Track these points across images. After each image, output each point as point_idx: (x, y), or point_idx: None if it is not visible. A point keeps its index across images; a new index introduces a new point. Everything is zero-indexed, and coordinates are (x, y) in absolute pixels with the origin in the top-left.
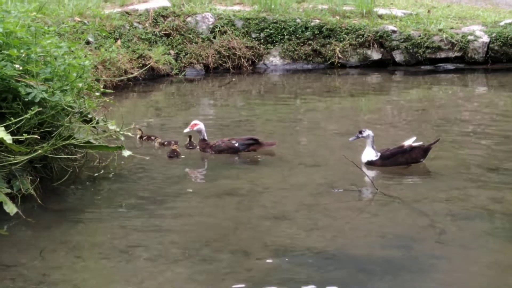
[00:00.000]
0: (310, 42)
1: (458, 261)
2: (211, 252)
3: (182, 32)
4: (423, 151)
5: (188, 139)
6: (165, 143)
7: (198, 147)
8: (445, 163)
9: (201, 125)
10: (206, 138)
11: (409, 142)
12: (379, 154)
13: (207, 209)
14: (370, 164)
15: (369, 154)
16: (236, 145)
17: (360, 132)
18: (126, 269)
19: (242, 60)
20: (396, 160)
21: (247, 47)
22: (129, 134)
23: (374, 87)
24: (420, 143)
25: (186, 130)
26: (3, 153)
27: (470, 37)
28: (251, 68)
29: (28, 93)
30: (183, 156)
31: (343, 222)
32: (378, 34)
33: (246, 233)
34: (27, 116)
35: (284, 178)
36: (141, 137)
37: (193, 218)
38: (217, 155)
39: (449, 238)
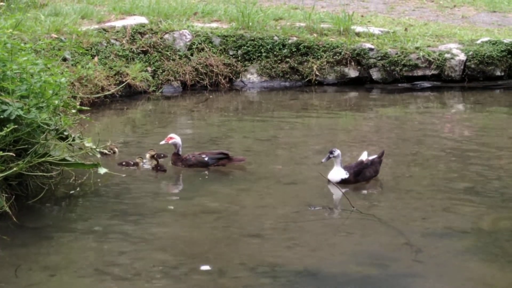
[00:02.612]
0: (287, 59)
1: (434, 279)
2: (187, 270)
3: (160, 49)
4: (379, 163)
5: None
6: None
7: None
8: (421, 181)
9: (177, 139)
10: (180, 152)
11: (364, 156)
12: (347, 171)
13: (184, 227)
14: (344, 182)
15: (340, 172)
16: (206, 159)
17: (331, 152)
18: (101, 287)
19: (220, 77)
20: (365, 175)
21: (224, 64)
22: (105, 151)
23: (351, 105)
24: (374, 156)
25: (162, 142)
26: None
27: (447, 55)
28: (228, 85)
29: (4, 110)
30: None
31: (319, 240)
32: (355, 51)
33: (222, 251)
34: (3, 133)
35: (260, 195)
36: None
37: (169, 236)
38: (189, 170)
39: (425, 256)
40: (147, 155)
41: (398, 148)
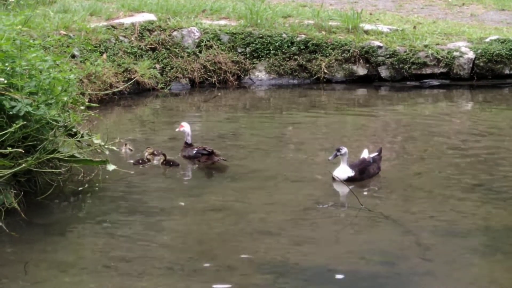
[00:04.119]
0: (296, 57)
1: (442, 277)
2: (195, 267)
3: (168, 46)
4: (379, 160)
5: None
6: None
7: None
8: (429, 179)
9: (185, 128)
10: (187, 141)
11: (365, 154)
12: (352, 169)
13: (192, 224)
14: (351, 180)
15: (346, 170)
16: (194, 152)
17: (338, 150)
18: (110, 283)
19: (228, 74)
20: (369, 173)
21: (233, 61)
22: (114, 148)
23: (359, 103)
24: (375, 153)
25: (176, 129)
26: None
27: (456, 53)
28: (236, 82)
29: (13, 107)
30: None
31: (327, 238)
32: (364, 49)
33: (231, 248)
34: (11, 129)
35: (269, 193)
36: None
37: (178, 233)
38: (200, 166)
39: (434, 254)
40: (146, 154)
41: (406, 146)
